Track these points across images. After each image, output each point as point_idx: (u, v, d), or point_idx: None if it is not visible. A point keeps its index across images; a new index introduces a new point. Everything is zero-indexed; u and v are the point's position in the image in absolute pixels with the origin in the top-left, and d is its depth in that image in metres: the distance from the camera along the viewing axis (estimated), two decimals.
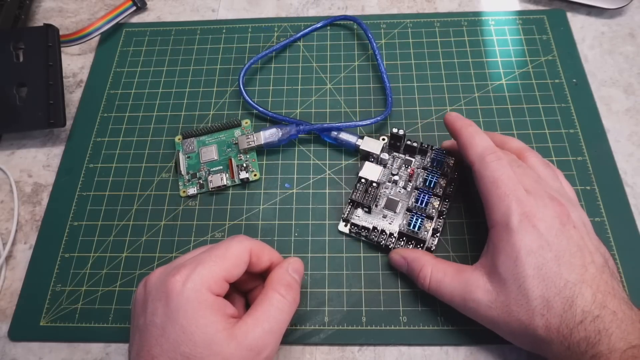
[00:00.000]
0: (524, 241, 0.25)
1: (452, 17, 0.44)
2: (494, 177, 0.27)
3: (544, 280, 0.24)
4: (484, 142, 0.29)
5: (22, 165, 0.40)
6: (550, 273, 0.24)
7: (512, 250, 0.25)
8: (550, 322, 0.24)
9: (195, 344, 0.23)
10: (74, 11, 0.48)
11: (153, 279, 0.26)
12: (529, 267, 0.25)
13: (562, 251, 0.25)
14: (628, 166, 0.36)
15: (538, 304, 0.24)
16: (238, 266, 0.26)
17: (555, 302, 0.24)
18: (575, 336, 0.23)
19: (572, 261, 0.25)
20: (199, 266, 0.25)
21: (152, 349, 0.23)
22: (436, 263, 0.29)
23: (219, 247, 0.26)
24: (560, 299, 0.24)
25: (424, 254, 0.30)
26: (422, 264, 0.29)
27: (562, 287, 0.24)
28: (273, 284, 0.27)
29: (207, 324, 0.23)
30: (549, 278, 0.24)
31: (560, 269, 0.24)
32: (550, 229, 0.25)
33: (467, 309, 0.27)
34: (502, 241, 0.26)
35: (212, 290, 0.25)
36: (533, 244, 0.25)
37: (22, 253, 0.36)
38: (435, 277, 0.29)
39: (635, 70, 0.40)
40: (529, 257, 0.25)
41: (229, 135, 0.39)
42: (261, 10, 0.47)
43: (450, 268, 0.29)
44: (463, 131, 0.31)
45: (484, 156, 0.28)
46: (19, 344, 0.33)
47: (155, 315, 0.24)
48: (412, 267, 0.30)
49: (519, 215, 0.26)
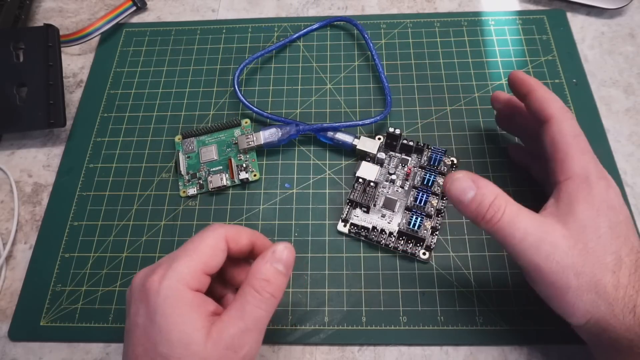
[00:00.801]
0: (603, 196, 0.25)
1: (452, 17, 0.44)
2: (575, 132, 0.27)
3: (618, 238, 0.25)
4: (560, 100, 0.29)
5: (22, 165, 0.40)
6: (622, 232, 0.25)
7: (595, 201, 0.25)
8: (620, 280, 0.24)
9: (172, 344, 0.22)
10: (74, 11, 0.48)
11: (136, 280, 0.25)
12: (609, 219, 0.25)
13: (628, 219, 0.26)
14: (628, 166, 0.36)
15: (612, 260, 0.24)
16: (215, 256, 0.25)
17: (626, 261, 0.24)
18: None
19: (634, 230, 0.26)
20: (174, 263, 0.24)
21: (135, 349, 0.23)
22: (509, 198, 0.26)
23: (193, 240, 0.26)
24: (630, 259, 0.24)
25: (494, 184, 0.26)
26: (496, 194, 0.25)
27: (630, 248, 0.25)
28: (249, 278, 0.25)
29: (184, 322, 0.23)
30: (623, 237, 0.25)
31: (629, 232, 0.25)
32: (618, 196, 0.26)
33: (539, 252, 0.24)
34: (583, 192, 0.26)
35: (190, 286, 0.24)
36: (611, 201, 0.26)
37: (22, 253, 0.36)
38: (510, 210, 0.25)
39: (635, 70, 0.40)
40: (609, 212, 0.25)
41: (228, 135, 0.39)
42: (261, 10, 0.47)
43: (522, 207, 0.26)
44: (539, 86, 0.30)
45: (564, 112, 0.28)
46: (19, 344, 0.33)
47: (137, 316, 0.24)
48: (482, 193, 0.25)
49: (598, 173, 0.26)
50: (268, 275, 0.25)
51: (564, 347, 0.30)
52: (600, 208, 0.25)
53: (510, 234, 0.25)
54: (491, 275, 0.32)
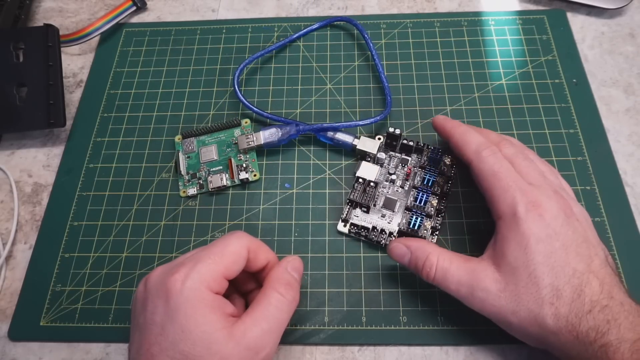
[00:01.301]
0: (532, 229, 0.25)
1: (452, 17, 0.44)
2: (493, 170, 0.28)
3: (553, 269, 0.24)
4: (477, 139, 0.30)
5: (22, 165, 0.40)
6: (559, 261, 0.25)
7: (522, 239, 0.25)
8: (559, 311, 0.24)
9: (193, 342, 0.23)
10: (74, 11, 0.48)
11: (153, 278, 0.26)
12: (538, 254, 0.25)
13: (569, 241, 0.25)
14: (628, 166, 0.36)
15: (548, 292, 0.24)
16: (236, 263, 0.26)
17: (565, 290, 0.24)
18: (584, 325, 0.23)
19: (578, 251, 0.25)
20: (197, 264, 0.25)
21: (151, 347, 0.23)
22: (442, 252, 0.28)
23: (217, 244, 0.26)
24: (570, 287, 0.24)
25: (427, 242, 0.29)
26: (428, 252, 0.28)
27: (570, 275, 0.24)
28: (272, 283, 0.26)
29: (206, 323, 0.23)
30: (558, 266, 0.25)
31: (568, 258, 0.25)
32: (556, 219, 0.26)
33: (474, 299, 0.26)
34: (511, 231, 0.26)
35: (211, 288, 0.25)
36: (541, 232, 0.25)
37: (22, 253, 0.36)
38: (442, 266, 0.27)
39: (635, 70, 0.40)
40: (538, 245, 0.25)
41: (228, 134, 0.39)
42: (261, 10, 0.47)
43: (456, 257, 0.28)
44: (455, 131, 0.31)
45: (480, 152, 0.29)
46: (19, 344, 0.33)
47: (155, 314, 0.24)
48: (416, 256, 0.29)
49: (525, 205, 0.26)
50: (290, 281, 0.27)
51: None
52: (529, 244, 0.25)
53: (445, 285, 0.27)
54: None
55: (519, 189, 0.26)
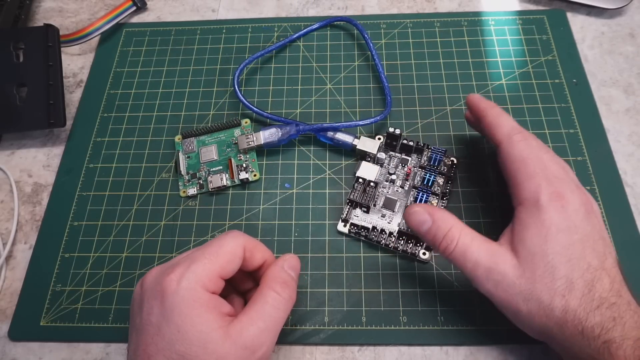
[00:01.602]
0: (553, 219, 0.25)
1: (452, 17, 0.44)
2: (522, 156, 0.28)
3: (569, 261, 0.24)
4: (510, 122, 0.30)
5: (22, 165, 0.40)
6: (575, 254, 0.25)
7: (543, 227, 0.25)
8: (569, 304, 0.24)
9: (190, 342, 0.23)
10: (74, 11, 0.48)
11: (149, 279, 0.25)
12: (557, 244, 0.25)
13: (587, 236, 0.25)
14: (628, 166, 0.36)
15: (561, 284, 0.24)
16: (232, 262, 0.26)
17: (578, 284, 0.24)
18: (590, 321, 0.23)
19: (594, 247, 0.25)
20: (193, 264, 0.25)
21: (147, 347, 0.23)
22: (464, 227, 0.27)
23: (213, 244, 0.26)
24: (582, 281, 0.24)
25: (450, 214, 0.28)
26: (451, 225, 0.27)
27: (585, 269, 0.24)
28: (268, 282, 0.26)
29: (202, 323, 0.23)
30: (575, 259, 0.25)
31: (585, 252, 0.25)
32: (577, 213, 0.26)
33: (488, 282, 0.26)
34: (532, 217, 0.26)
35: (207, 287, 0.24)
36: (562, 223, 0.25)
37: (22, 253, 0.36)
38: (463, 242, 0.26)
39: (635, 70, 0.40)
40: (558, 235, 0.25)
41: (228, 134, 0.39)
42: (261, 10, 0.47)
43: (477, 235, 0.27)
44: (489, 111, 0.31)
45: (511, 135, 0.29)
46: (19, 344, 0.33)
47: (151, 315, 0.24)
48: (437, 226, 0.27)
49: (549, 194, 0.26)
50: (286, 279, 0.27)
51: None
52: (549, 233, 0.25)
53: (462, 263, 0.27)
54: None
55: (545, 178, 0.26)
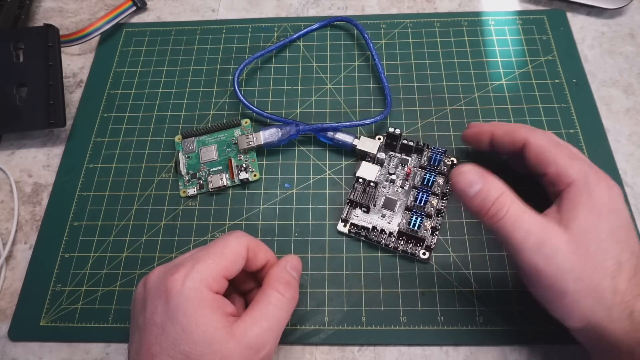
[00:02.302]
0: (604, 199, 0.25)
1: (452, 17, 0.44)
2: (556, 141, 0.28)
3: (619, 242, 0.24)
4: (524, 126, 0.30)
5: (22, 165, 0.40)
6: (624, 237, 0.25)
7: (596, 205, 0.25)
8: (618, 286, 0.24)
9: (194, 342, 0.23)
10: (74, 11, 0.48)
11: (152, 278, 0.26)
12: (609, 224, 0.25)
13: (628, 221, 0.25)
14: (628, 166, 0.36)
15: (611, 265, 0.24)
16: (236, 263, 0.26)
17: (626, 266, 0.24)
18: (638, 305, 0.23)
19: (633, 234, 0.25)
20: (197, 264, 0.25)
21: (151, 347, 0.24)
22: (516, 197, 0.26)
23: (217, 244, 0.26)
24: (629, 265, 0.24)
25: (502, 181, 0.26)
26: (503, 190, 0.25)
27: (631, 252, 0.24)
28: (271, 282, 0.27)
29: (206, 322, 0.24)
30: (624, 241, 0.24)
31: (629, 236, 0.25)
32: (619, 198, 0.26)
33: (539, 255, 0.24)
34: (584, 196, 0.25)
35: (211, 288, 0.25)
36: (611, 204, 0.25)
37: (22, 253, 0.36)
38: (515, 209, 0.25)
39: (635, 70, 0.40)
40: (610, 215, 0.25)
41: (228, 134, 0.39)
42: (261, 10, 0.47)
43: (528, 206, 0.25)
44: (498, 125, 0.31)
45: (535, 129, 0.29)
46: (19, 344, 0.33)
47: (155, 314, 0.24)
48: (488, 189, 0.25)
49: (596, 175, 0.26)
50: (289, 280, 0.27)
51: (564, 347, 0.30)
52: (602, 212, 0.25)
53: (511, 232, 0.24)
54: (491, 275, 0.32)
55: (586, 161, 0.26)
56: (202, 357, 0.23)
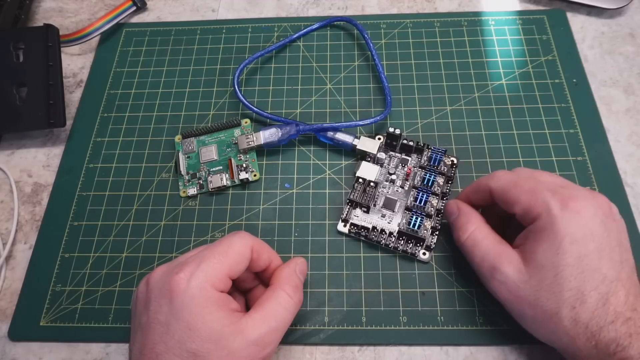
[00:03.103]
0: (568, 228, 0.24)
1: (452, 17, 0.44)
2: (512, 181, 0.27)
3: (582, 272, 0.24)
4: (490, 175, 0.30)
5: (22, 165, 0.40)
6: (590, 265, 0.24)
7: (556, 239, 0.24)
8: (580, 316, 0.23)
9: (202, 339, 0.23)
10: (74, 11, 0.48)
11: (155, 277, 0.26)
12: (570, 256, 0.24)
13: (604, 244, 0.24)
14: (628, 166, 0.36)
15: (571, 296, 0.24)
16: (240, 262, 0.26)
17: (591, 296, 0.23)
18: (604, 336, 0.23)
19: (611, 256, 0.24)
20: (202, 263, 0.25)
21: (155, 346, 0.24)
22: (482, 226, 0.29)
23: (221, 243, 0.27)
24: (596, 294, 0.23)
25: (476, 213, 0.30)
26: (469, 219, 0.29)
27: (599, 282, 0.24)
28: (281, 284, 0.27)
29: (213, 320, 0.24)
30: (589, 271, 0.24)
31: (601, 263, 0.24)
32: (594, 218, 0.25)
33: (492, 280, 0.26)
34: (546, 230, 0.25)
35: (216, 286, 0.25)
36: (577, 232, 0.24)
37: (22, 253, 0.36)
38: (475, 236, 0.28)
39: (635, 70, 0.40)
40: (572, 246, 0.24)
41: (228, 134, 0.39)
42: (261, 10, 0.47)
43: (492, 235, 0.28)
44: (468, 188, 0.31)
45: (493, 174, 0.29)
46: (19, 344, 0.33)
47: (159, 313, 0.24)
48: (459, 217, 0.30)
49: (559, 202, 0.25)
50: (297, 283, 0.28)
51: None
52: (562, 245, 0.24)
53: (470, 255, 0.28)
54: None
55: (548, 190, 0.26)
56: (209, 353, 0.23)
